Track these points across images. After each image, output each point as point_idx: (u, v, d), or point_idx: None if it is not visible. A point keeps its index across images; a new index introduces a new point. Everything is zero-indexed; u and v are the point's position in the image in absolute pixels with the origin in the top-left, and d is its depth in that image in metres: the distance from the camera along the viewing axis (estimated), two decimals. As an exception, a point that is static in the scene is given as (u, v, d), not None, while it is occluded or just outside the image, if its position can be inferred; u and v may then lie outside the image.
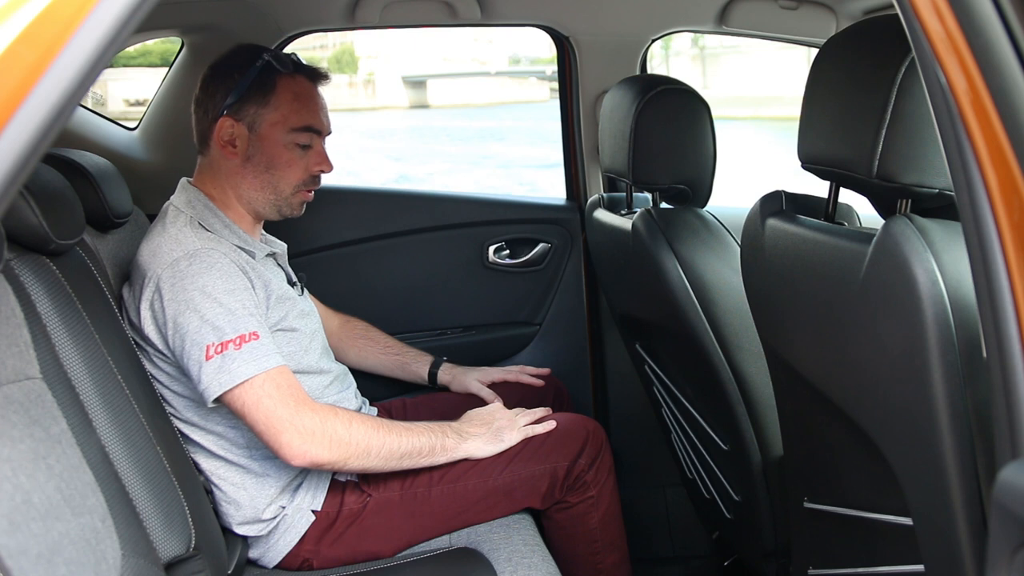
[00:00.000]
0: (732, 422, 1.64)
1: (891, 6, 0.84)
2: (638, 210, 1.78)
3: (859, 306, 1.07)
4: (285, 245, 1.74)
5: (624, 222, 1.81)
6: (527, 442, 1.65)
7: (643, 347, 2.01)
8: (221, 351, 1.38)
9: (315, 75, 1.61)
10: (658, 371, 1.97)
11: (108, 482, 1.11)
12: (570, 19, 2.21)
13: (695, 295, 1.61)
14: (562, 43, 2.28)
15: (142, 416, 1.31)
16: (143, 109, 2.31)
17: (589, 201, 2.08)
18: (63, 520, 0.97)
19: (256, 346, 1.41)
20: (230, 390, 1.39)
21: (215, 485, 1.55)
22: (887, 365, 1.04)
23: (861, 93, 1.05)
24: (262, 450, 1.53)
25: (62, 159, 1.51)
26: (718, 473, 1.82)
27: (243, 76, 1.54)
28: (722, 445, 1.73)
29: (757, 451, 1.64)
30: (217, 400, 1.41)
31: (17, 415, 0.97)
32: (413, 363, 2.00)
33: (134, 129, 2.27)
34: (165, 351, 1.47)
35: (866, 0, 1.89)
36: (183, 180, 1.62)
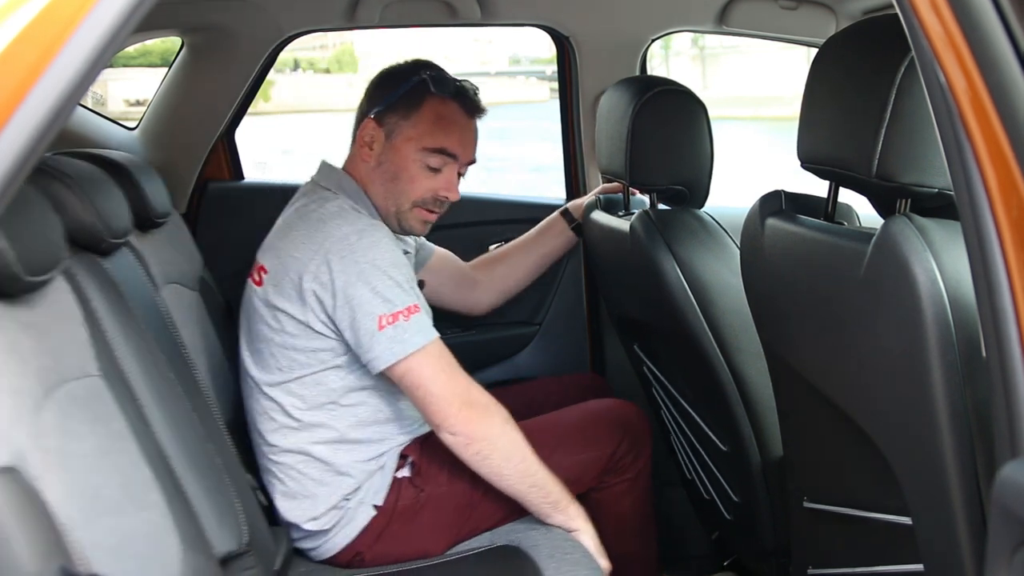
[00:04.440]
0: (731, 423, 1.64)
1: (891, 6, 0.84)
2: (635, 211, 1.78)
3: (858, 306, 1.07)
4: (414, 245, 1.79)
5: (622, 223, 1.81)
6: (573, 429, 1.68)
7: (642, 348, 2.00)
8: (392, 321, 1.43)
9: (471, 107, 1.61)
10: (657, 372, 1.96)
11: (165, 478, 1.12)
12: (570, 19, 2.21)
13: (694, 296, 1.61)
14: (562, 43, 2.27)
15: (193, 413, 1.32)
16: (143, 109, 2.31)
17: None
18: (128, 515, 0.99)
19: (420, 317, 1.47)
20: (403, 359, 1.44)
21: (290, 478, 1.55)
22: (886, 365, 1.05)
23: (861, 93, 1.05)
24: (351, 447, 1.55)
25: (107, 160, 1.52)
26: (717, 474, 1.82)
27: (399, 86, 1.58)
28: (721, 446, 1.73)
29: (756, 452, 1.64)
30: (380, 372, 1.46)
31: (81, 411, 0.98)
32: (548, 231, 2.08)
33: (134, 129, 2.27)
34: (323, 328, 1.49)
35: (866, 0, 1.89)
36: (326, 162, 1.64)
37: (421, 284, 1.74)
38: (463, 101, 1.60)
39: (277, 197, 2.34)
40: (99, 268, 1.22)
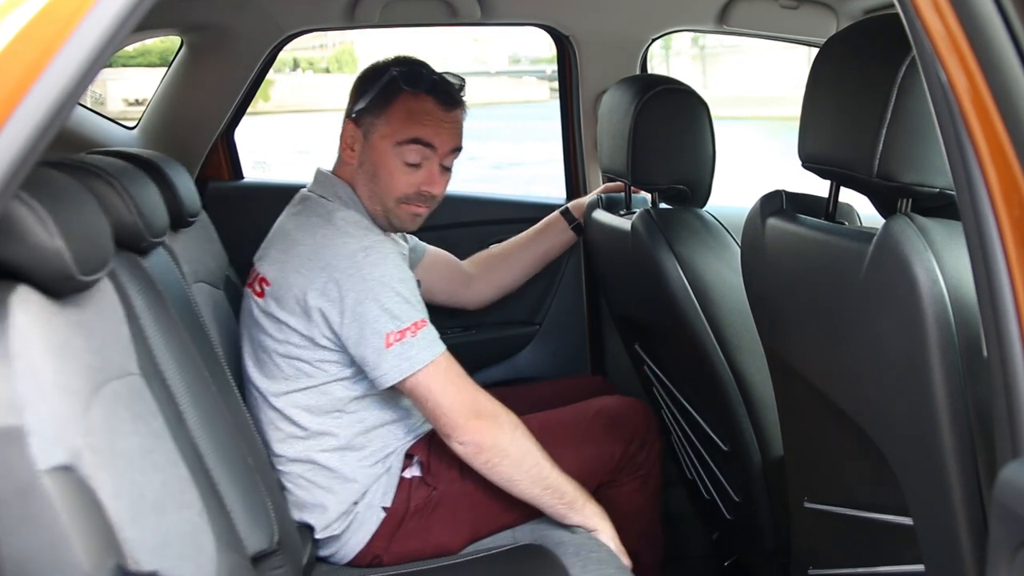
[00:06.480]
0: (732, 422, 1.64)
1: (891, 5, 0.84)
2: (637, 210, 1.77)
3: (859, 305, 1.07)
4: (407, 245, 1.79)
5: (623, 223, 1.81)
6: (581, 427, 1.69)
7: (643, 348, 2.00)
8: (400, 338, 1.45)
9: (448, 99, 1.58)
10: (657, 372, 1.96)
11: (200, 477, 1.13)
12: (570, 19, 2.21)
13: (695, 295, 1.61)
14: (562, 43, 2.27)
15: (227, 413, 1.32)
16: (142, 109, 2.31)
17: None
18: (169, 514, 1.00)
19: (428, 331, 1.48)
20: (412, 375, 1.45)
21: (299, 487, 1.56)
22: (887, 365, 1.04)
23: (862, 92, 1.05)
24: (356, 453, 1.56)
25: (142, 159, 1.52)
26: (718, 474, 1.82)
27: (373, 86, 1.58)
28: (722, 446, 1.73)
29: (757, 451, 1.63)
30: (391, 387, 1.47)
31: (125, 410, 0.99)
32: (548, 229, 2.10)
33: (133, 128, 2.27)
34: (328, 343, 1.49)
35: (866, 0, 1.89)
36: (321, 170, 1.64)
37: (417, 283, 1.75)
38: (438, 95, 1.57)
39: (277, 197, 2.34)
40: (140, 268, 1.23)
